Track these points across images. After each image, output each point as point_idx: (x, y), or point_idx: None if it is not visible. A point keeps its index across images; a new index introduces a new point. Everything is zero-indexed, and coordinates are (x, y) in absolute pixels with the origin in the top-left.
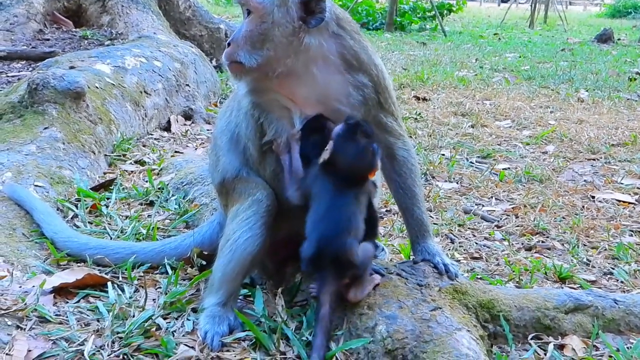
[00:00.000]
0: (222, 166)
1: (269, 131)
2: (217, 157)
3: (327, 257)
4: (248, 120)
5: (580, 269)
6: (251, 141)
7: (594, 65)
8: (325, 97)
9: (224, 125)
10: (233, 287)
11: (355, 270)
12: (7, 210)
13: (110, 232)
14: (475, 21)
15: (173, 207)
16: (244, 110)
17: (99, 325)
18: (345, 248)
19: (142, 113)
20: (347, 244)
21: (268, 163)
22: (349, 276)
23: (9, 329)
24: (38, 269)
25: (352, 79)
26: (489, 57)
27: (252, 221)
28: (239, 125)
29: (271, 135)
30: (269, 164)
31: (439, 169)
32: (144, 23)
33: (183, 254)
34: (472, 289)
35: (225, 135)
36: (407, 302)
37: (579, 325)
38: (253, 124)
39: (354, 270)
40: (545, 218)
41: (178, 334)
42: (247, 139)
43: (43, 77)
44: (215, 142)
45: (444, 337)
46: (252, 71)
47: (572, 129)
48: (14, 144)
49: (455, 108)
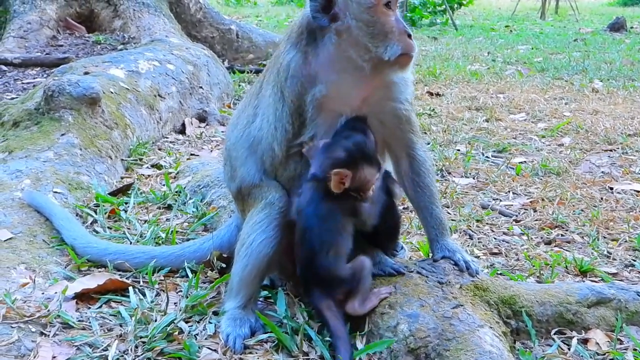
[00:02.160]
0: (239, 175)
1: (307, 131)
2: (232, 167)
3: (310, 276)
4: (280, 119)
5: (601, 262)
6: (277, 141)
7: (608, 54)
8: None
9: (239, 135)
10: (252, 289)
11: (345, 286)
12: (28, 217)
13: (129, 236)
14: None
15: (191, 210)
16: (275, 109)
17: (122, 330)
18: (326, 267)
19: (156, 116)
20: (327, 264)
21: (291, 164)
22: (341, 292)
23: (33, 335)
24: (60, 275)
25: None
26: (501, 50)
27: (266, 223)
28: (262, 128)
29: (307, 137)
30: (291, 165)
31: (455, 165)
32: (155, 26)
33: (202, 257)
34: (493, 285)
35: (241, 144)
36: (429, 300)
37: (602, 318)
38: (286, 123)
39: (344, 286)
40: (563, 211)
41: (200, 337)
42: (272, 139)
43: (59, 84)
44: (230, 154)
45: (467, 334)
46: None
47: (588, 120)
48: (32, 151)
49: (468, 102)
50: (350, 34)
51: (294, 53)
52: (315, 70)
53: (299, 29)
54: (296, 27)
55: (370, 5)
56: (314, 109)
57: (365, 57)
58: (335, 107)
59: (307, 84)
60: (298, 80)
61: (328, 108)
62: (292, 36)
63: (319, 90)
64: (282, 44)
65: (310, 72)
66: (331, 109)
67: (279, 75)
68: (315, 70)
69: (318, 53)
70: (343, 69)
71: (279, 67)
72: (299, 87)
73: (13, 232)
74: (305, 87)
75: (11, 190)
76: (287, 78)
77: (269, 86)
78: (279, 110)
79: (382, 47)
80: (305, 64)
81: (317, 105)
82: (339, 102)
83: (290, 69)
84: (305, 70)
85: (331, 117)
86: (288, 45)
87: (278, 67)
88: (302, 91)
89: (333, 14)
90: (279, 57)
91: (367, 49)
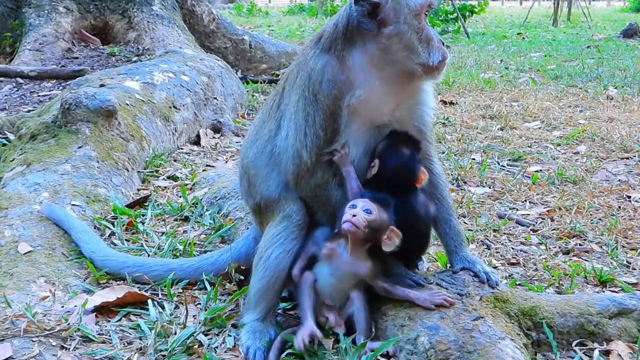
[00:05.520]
0: (258, 192)
1: (340, 139)
2: (250, 184)
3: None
4: (312, 125)
5: (621, 272)
6: (307, 148)
7: (621, 61)
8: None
9: (258, 151)
10: (270, 302)
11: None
12: (46, 230)
13: (147, 249)
14: (497, 21)
15: (208, 222)
16: (307, 114)
17: (142, 344)
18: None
19: (172, 128)
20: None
21: (318, 172)
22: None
23: (53, 349)
24: (79, 289)
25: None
26: (513, 58)
27: (283, 237)
28: (288, 137)
29: (340, 144)
30: (318, 174)
31: (470, 174)
32: (169, 38)
33: (220, 270)
34: (513, 296)
35: (262, 159)
36: (449, 312)
37: (623, 330)
38: (318, 129)
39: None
40: (581, 220)
41: (220, 350)
42: (302, 146)
43: (75, 97)
44: (248, 171)
45: (488, 346)
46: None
47: (603, 128)
48: (50, 164)
49: (483, 111)
50: (401, 38)
51: (328, 57)
52: (354, 74)
53: (333, 34)
54: (329, 33)
55: (418, 12)
56: (349, 115)
57: (414, 61)
58: (370, 113)
59: (345, 88)
60: (335, 84)
61: (362, 114)
62: (323, 41)
63: (357, 94)
64: (308, 50)
65: (349, 77)
66: (365, 115)
67: (310, 80)
68: (354, 75)
69: (357, 57)
70: (385, 74)
71: (309, 72)
72: (336, 91)
73: (32, 245)
74: (343, 91)
75: (30, 203)
76: (322, 82)
77: (294, 93)
78: (310, 115)
79: (427, 52)
80: (343, 68)
81: (352, 111)
82: (374, 107)
83: (327, 73)
84: (344, 75)
85: (364, 124)
86: (317, 50)
87: (309, 72)
88: (339, 95)
89: (380, 19)
90: (307, 62)
91: (417, 53)
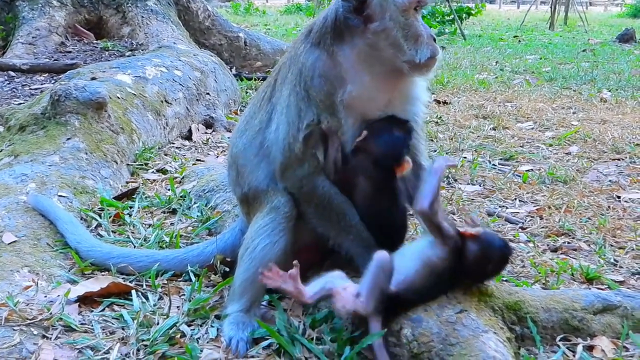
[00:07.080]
0: (246, 181)
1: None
2: (238, 173)
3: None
4: (304, 119)
5: (608, 270)
6: (297, 142)
7: (616, 65)
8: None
9: (248, 142)
10: (255, 294)
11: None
12: (32, 221)
13: (133, 240)
14: (494, 24)
15: (195, 215)
16: (299, 109)
17: (124, 334)
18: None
19: (163, 122)
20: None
21: (305, 165)
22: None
23: (35, 338)
24: (63, 279)
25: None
26: (509, 60)
27: (270, 228)
28: (278, 130)
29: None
30: (305, 165)
31: (462, 172)
32: (164, 33)
33: (206, 261)
34: (497, 291)
35: (251, 150)
36: (432, 305)
37: (608, 326)
38: (311, 114)
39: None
40: (570, 219)
41: (202, 341)
42: (294, 140)
43: (65, 89)
44: (236, 162)
45: (471, 339)
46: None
47: (596, 129)
48: (38, 155)
49: (476, 111)
50: (387, 35)
51: (319, 52)
52: (345, 69)
53: (322, 28)
54: (318, 27)
55: (405, 8)
56: (343, 110)
57: (401, 59)
58: (362, 108)
59: (337, 83)
60: (327, 79)
61: (355, 109)
62: (313, 35)
63: (348, 90)
64: (299, 44)
65: (340, 72)
66: (358, 110)
67: (301, 75)
68: (345, 70)
69: (347, 53)
70: (375, 70)
71: (300, 68)
72: (328, 86)
73: (17, 236)
74: (335, 86)
75: (16, 194)
76: (313, 77)
77: (286, 87)
78: (303, 110)
79: (414, 50)
80: (334, 63)
81: (345, 106)
82: (366, 102)
83: (317, 69)
84: (335, 70)
85: (357, 118)
86: (307, 45)
87: (299, 67)
88: (332, 90)
89: (366, 15)
90: (298, 57)
91: (403, 50)
